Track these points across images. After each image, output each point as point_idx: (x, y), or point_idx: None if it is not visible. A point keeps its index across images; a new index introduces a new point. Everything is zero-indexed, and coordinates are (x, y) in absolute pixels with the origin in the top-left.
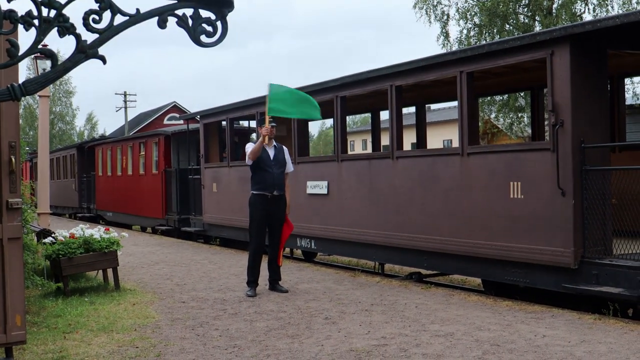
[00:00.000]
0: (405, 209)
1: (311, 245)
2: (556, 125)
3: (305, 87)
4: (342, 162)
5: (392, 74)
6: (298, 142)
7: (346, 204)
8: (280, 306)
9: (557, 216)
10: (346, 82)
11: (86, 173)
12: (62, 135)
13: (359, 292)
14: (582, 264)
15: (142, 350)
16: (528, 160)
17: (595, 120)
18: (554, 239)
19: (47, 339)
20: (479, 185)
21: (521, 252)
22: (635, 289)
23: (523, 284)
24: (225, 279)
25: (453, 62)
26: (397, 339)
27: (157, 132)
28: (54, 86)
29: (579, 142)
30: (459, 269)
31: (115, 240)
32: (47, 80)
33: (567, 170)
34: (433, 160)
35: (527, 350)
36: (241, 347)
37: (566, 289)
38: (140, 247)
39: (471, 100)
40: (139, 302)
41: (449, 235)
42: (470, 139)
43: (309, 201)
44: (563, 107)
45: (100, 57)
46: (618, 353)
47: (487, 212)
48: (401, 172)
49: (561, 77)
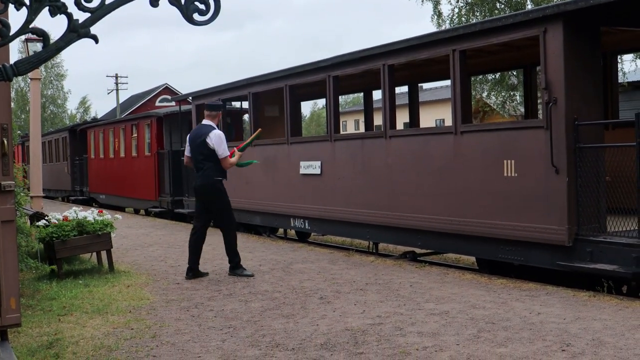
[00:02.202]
0: (399, 188)
1: (305, 225)
2: (549, 103)
3: (297, 67)
4: (335, 142)
5: (385, 53)
6: (291, 123)
7: (340, 183)
8: (274, 286)
9: (551, 194)
10: (338, 62)
11: (78, 156)
12: (54, 119)
13: (354, 271)
14: (577, 241)
15: (137, 332)
16: (521, 138)
17: (589, 98)
18: (548, 217)
19: (42, 322)
20: (473, 163)
21: (515, 230)
22: (629, 266)
23: (517, 262)
24: (219, 260)
25: (445, 41)
26: (392, 318)
27: (149, 113)
28: (46, 69)
29: (572, 120)
30: (453, 248)
31: (109, 223)
32: (40, 60)
33: (561, 148)
34: (426, 139)
35: (522, 328)
36: (236, 328)
37: (560, 267)
38: (134, 229)
39: (464, 78)
40: (134, 284)
41: (443, 214)
42: (464, 117)
43: (303, 181)
44: (556, 85)
45: (92, 36)
46: (613, 330)
47: (481, 190)
48: (394, 151)
49: (554, 54)
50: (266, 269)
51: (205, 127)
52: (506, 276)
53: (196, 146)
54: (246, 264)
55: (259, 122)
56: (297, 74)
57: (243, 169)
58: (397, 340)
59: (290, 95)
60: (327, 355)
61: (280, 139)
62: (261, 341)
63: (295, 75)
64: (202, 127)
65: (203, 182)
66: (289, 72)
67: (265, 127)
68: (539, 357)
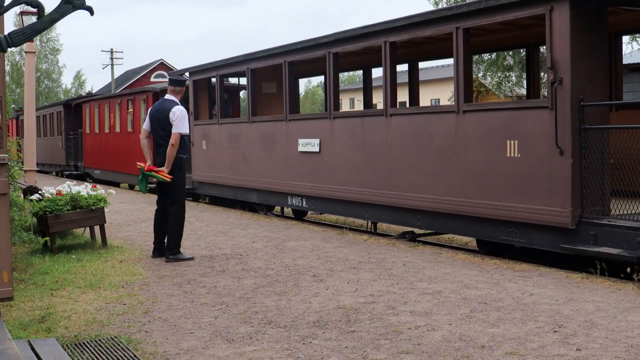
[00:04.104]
0: (399, 167)
1: (302, 203)
2: (555, 83)
3: (297, 42)
4: (334, 119)
5: (387, 30)
6: (289, 100)
7: (338, 162)
8: (267, 264)
9: (554, 175)
10: (339, 38)
11: (73, 130)
12: (49, 93)
13: (347, 250)
14: (580, 224)
15: (129, 307)
16: (525, 118)
17: (595, 78)
18: (552, 199)
19: (35, 296)
20: (475, 143)
21: (517, 211)
22: (634, 249)
23: (519, 244)
24: (213, 237)
25: (449, 18)
26: (384, 297)
27: (145, 89)
28: (41, 43)
29: (577, 100)
30: (453, 229)
31: (102, 198)
32: (34, 32)
33: (566, 128)
34: (428, 118)
35: (515, 309)
36: (229, 304)
37: (564, 250)
38: (128, 204)
39: (467, 57)
40: (126, 259)
41: (443, 194)
42: (466, 96)
43: (300, 159)
44: (562, 64)
45: (87, 7)
46: (605, 311)
47: (483, 171)
48: (395, 130)
49: (560, 33)
50: (259, 246)
51: (168, 102)
52: (505, 258)
53: (158, 121)
54: (239, 241)
55: (257, 98)
56: (296, 50)
57: (242, 145)
58: (389, 319)
59: (289, 72)
60: (320, 333)
61: (279, 116)
62: (253, 318)
63: (294, 52)
64: (164, 102)
65: (164, 159)
66: (289, 48)
67: (262, 104)
68: (531, 338)
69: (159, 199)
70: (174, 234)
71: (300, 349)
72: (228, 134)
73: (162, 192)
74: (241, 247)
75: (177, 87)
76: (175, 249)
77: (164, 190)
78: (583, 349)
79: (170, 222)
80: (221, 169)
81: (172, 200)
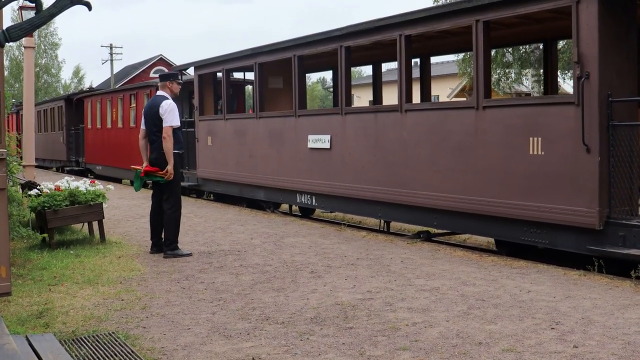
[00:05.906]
0: (414, 165)
1: (311, 201)
2: (581, 78)
3: (307, 36)
4: (346, 115)
5: (402, 23)
6: (299, 95)
7: (350, 159)
8: (265, 260)
9: (580, 174)
10: (352, 32)
11: (74, 126)
12: (48, 88)
13: (345, 246)
14: (608, 224)
15: (127, 303)
16: (550, 114)
17: (623, 73)
18: (577, 198)
19: (33, 291)
20: (495, 140)
21: (540, 211)
22: None
23: (542, 245)
24: (211, 233)
25: (469, 10)
26: (382, 293)
27: (148, 83)
28: (40, 38)
29: (606, 96)
30: (471, 228)
31: (101, 193)
32: (32, 26)
33: (593, 125)
34: (445, 113)
35: (512, 306)
36: (226, 300)
37: (591, 252)
38: (126, 200)
39: (487, 50)
40: (125, 255)
41: (461, 192)
42: (486, 91)
43: (310, 156)
44: (589, 59)
45: (85, 2)
46: (602, 309)
47: (503, 169)
48: (410, 126)
49: (588, 26)
50: (258, 242)
51: (158, 98)
52: (527, 259)
53: (150, 118)
54: (237, 237)
55: (263, 93)
56: (307, 44)
57: (248, 140)
58: (387, 315)
59: (299, 66)
60: (317, 329)
61: (288, 112)
62: (251, 314)
63: (304, 45)
64: (155, 98)
65: (158, 155)
66: (299, 41)
67: (269, 99)
68: (528, 334)
69: (154, 193)
70: (170, 229)
71: (297, 345)
72: (234, 129)
73: (157, 187)
74: (239, 243)
75: (164, 82)
76: (173, 245)
77: (159, 185)
78: (580, 346)
79: (166, 217)
80: (227, 165)
81: (168, 195)
